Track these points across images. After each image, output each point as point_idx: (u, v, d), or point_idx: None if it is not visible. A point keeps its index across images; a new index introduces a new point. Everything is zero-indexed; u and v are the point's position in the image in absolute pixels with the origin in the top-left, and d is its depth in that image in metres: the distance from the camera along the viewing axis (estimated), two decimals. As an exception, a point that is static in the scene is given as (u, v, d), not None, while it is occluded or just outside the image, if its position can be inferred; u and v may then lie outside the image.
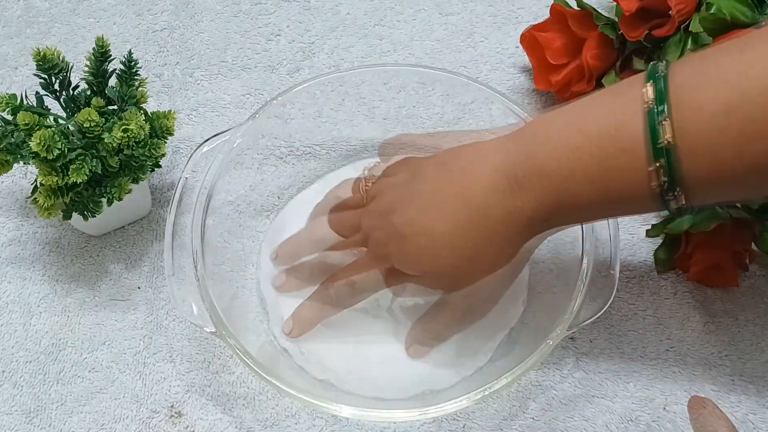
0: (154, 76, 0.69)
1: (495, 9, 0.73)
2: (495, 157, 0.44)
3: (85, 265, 0.59)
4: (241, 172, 0.58)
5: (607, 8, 0.66)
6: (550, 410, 0.53)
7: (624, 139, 0.38)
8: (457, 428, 0.52)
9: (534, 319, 0.54)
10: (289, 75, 0.69)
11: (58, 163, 0.51)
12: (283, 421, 0.52)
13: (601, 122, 0.40)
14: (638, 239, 0.59)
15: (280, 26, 0.72)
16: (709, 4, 0.55)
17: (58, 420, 0.53)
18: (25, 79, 0.69)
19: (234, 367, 0.54)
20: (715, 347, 0.55)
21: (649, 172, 0.38)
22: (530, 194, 0.42)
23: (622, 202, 0.41)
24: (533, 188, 0.42)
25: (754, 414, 0.52)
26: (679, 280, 0.57)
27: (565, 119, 0.42)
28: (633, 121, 0.38)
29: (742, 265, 0.56)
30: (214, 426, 0.52)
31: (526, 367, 0.46)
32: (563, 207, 0.42)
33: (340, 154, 0.63)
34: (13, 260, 0.59)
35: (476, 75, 0.68)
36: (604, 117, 0.40)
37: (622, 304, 0.56)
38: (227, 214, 0.57)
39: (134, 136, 0.51)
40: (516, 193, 0.43)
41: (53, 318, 0.57)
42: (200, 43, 0.71)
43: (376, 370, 0.53)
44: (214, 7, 0.73)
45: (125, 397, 0.54)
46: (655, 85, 0.38)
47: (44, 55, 0.52)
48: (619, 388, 0.53)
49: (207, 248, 0.52)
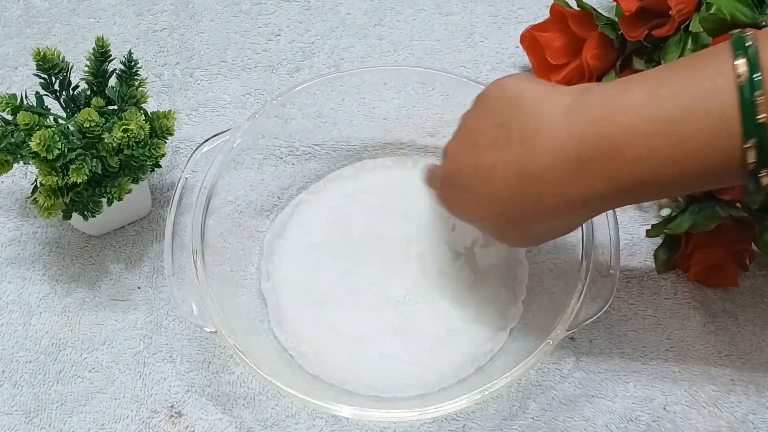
0: (154, 76, 0.69)
1: (495, 9, 0.73)
2: (558, 131, 0.40)
3: (85, 265, 0.59)
4: (241, 172, 0.58)
5: (607, 8, 0.66)
6: (550, 410, 0.53)
7: (713, 117, 0.36)
8: (457, 428, 0.52)
9: (534, 319, 0.54)
10: (289, 75, 0.69)
11: (58, 163, 0.51)
12: (283, 421, 0.52)
13: (684, 99, 0.36)
14: (638, 239, 0.59)
15: (280, 26, 0.72)
16: (709, 4, 0.55)
17: (58, 420, 0.53)
18: (25, 79, 0.69)
19: (234, 367, 0.54)
20: (715, 347, 0.55)
21: (744, 149, 0.35)
22: (596, 177, 0.39)
23: (706, 181, 0.38)
24: (601, 171, 0.39)
25: (754, 414, 0.52)
26: (679, 280, 0.57)
27: (638, 97, 0.38)
28: (723, 97, 0.35)
29: (742, 265, 0.56)
30: (214, 426, 0.52)
31: (526, 367, 0.46)
32: (634, 189, 0.39)
33: (340, 154, 0.63)
34: (13, 260, 0.59)
35: (476, 75, 0.68)
36: (686, 93, 0.37)
37: (622, 304, 0.56)
38: (227, 214, 0.57)
39: (134, 136, 0.51)
40: (579, 176, 0.39)
41: (53, 318, 0.57)
42: (200, 43, 0.71)
43: (376, 370, 0.53)
44: (214, 7, 0.73)
45: (125, 397, 0.54)
46: (747, 58, 0.35)
47: (44, 55, 0.52)
48: (619, 388, 0.53)
49: (207, 248, 0.52)
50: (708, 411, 0.52)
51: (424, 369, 0.53)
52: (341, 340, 0.54)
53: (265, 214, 0.60)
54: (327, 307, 0.55)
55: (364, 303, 0.55)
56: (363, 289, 0.56)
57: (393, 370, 0.53)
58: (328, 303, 0.55)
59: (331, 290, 0.56)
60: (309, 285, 0.56)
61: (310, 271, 0.57)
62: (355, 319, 0.54)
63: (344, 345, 0.54)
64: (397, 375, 0.52)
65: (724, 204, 0.55)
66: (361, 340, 0.54)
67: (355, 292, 0.56)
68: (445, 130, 0.62)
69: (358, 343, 0.54)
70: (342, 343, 0.54)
